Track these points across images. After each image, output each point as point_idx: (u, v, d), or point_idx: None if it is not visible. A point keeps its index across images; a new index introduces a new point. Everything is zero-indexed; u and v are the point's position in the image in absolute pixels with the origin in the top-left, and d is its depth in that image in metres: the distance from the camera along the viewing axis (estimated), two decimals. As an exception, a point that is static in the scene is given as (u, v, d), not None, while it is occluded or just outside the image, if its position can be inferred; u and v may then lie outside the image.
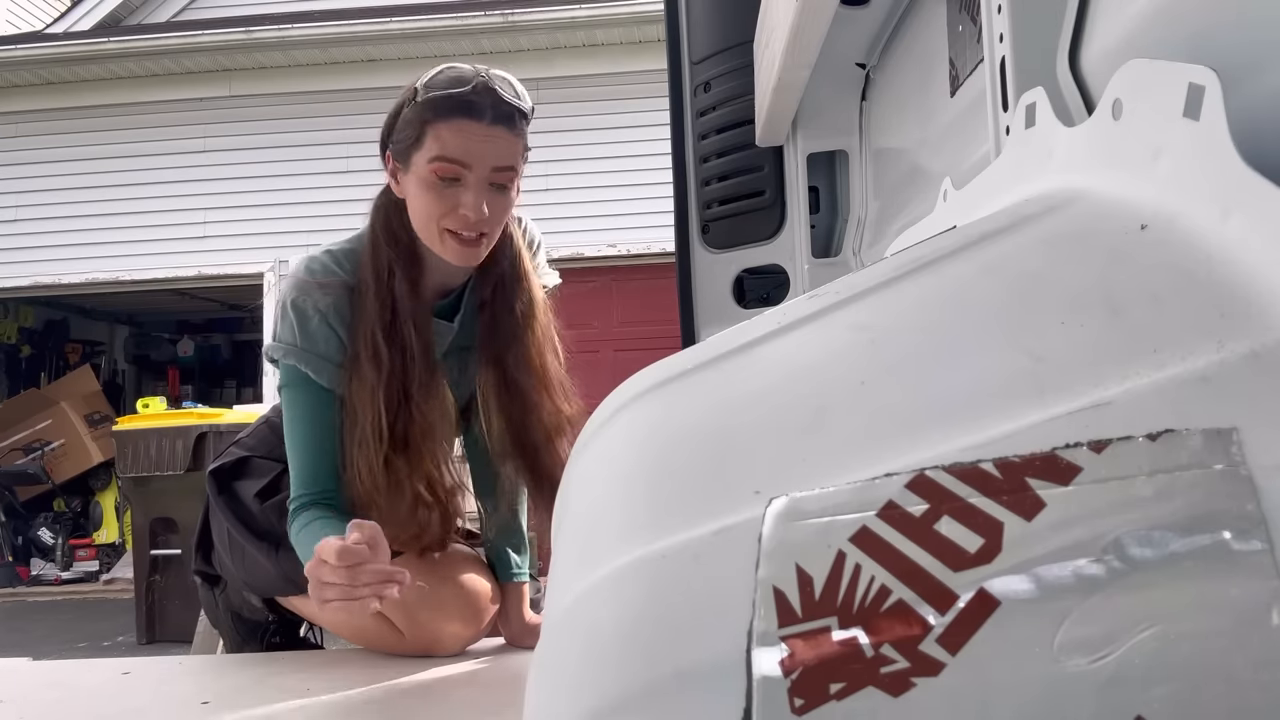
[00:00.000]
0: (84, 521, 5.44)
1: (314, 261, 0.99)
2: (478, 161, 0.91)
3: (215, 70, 5.22)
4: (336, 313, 0.96)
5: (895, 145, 0.99)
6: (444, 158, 0.91)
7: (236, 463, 1.12)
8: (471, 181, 0.92)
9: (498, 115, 0.92)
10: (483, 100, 0.91)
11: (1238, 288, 0.27)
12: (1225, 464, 0.23)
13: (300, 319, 0.96)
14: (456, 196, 0.92)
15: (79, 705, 0.93)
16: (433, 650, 1.04)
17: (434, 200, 0.92)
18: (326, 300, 0.96)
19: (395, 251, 0.97)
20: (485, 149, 0.91)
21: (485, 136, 0.91)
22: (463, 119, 0.91)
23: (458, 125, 0.91)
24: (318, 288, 0.96)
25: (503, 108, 0.92)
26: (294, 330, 0.96)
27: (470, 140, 0.91)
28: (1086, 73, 0.47)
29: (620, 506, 0.32)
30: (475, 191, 0.92)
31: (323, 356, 0.96)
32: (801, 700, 0.23)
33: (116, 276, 5.25)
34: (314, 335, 0.96)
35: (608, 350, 4.82)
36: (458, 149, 0.91)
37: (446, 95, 0.91)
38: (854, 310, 0.35)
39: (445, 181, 0.92)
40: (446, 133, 0.91)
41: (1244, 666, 0.21)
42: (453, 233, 0.94)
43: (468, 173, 0.92)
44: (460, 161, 0.91)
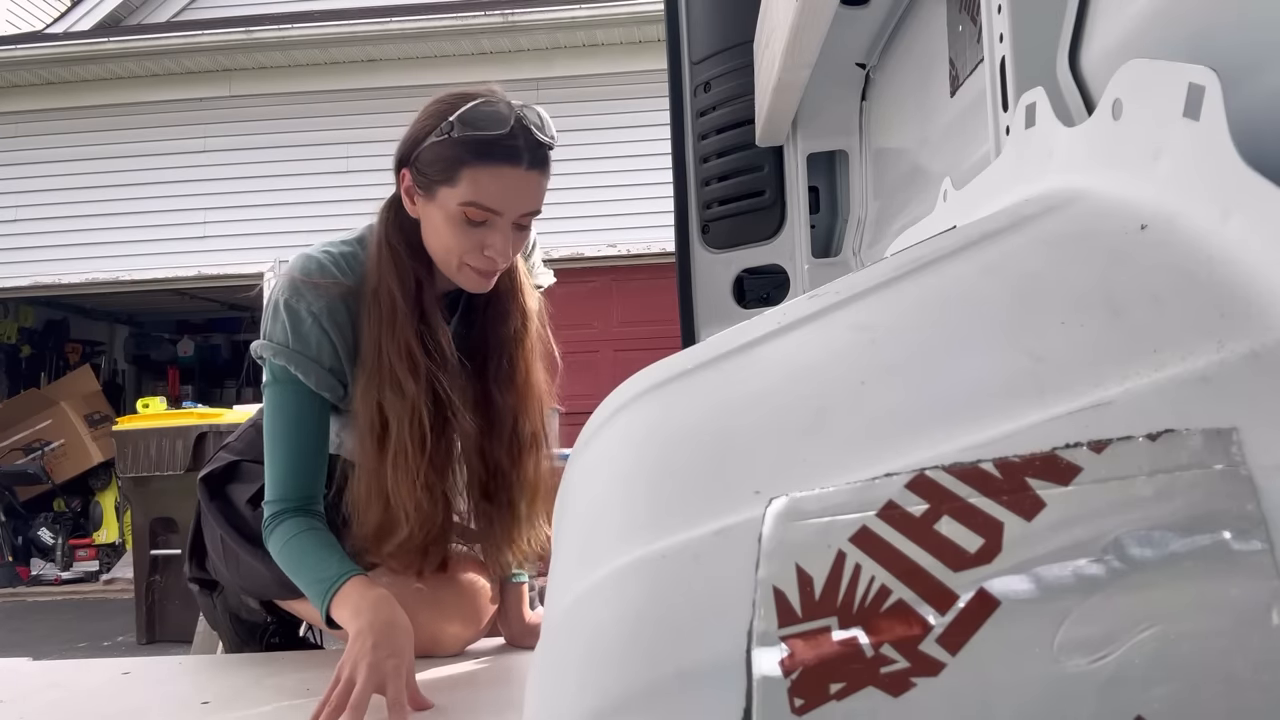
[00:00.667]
0: (84, 521, 5.44)
1: (310, 261, 0.97)
2: (511, 209, 0.91)
3: (215, 70, 5.22)
4: (330, 316, 0.95)
5: (895, 145, 0.99)
6: (479, 205, 0.90)
7: (227, 468, 1.11)
8: (501, 225, 0.91)
9: (534, 160, 0.90)
10: (520, 143, 0.89)
11: (1238, 288, 0.27)
12: (1225, 464, 0.23)
13: (293, 320, 0.94)
14: (483, 237, 0.92)
15: (79, 705, 0.93)
16: (432, 651, 1.04)
17: (460, 238, 0.92)
18: (320, 303, 0.95)
19: (418, 264, 0.96)
20: (521, 197, 0.91)
21: (523, 183, 0.90)
22: (501, 165, 0.89)
23: (496, 172, 0.89)
24: (312, 289, 0.95)
25: (539, 151, 0.91)
26: (286, 330, 0.94)
27: (507, 188, 0.90)
28: (1086, 73, 0.47)
29: (620, 506, 0.32)
30: (504, 235, 0.91)
31: (314, 360, 0.95)
32: (801, 700, 0.23)
33: (116, 276, 5.25)
34: (306, 337, 0.95)
35: (608, 350, 4.82)
36: (494, 198, 0.90)
37: (486, 139, 0.88)
38: (854, 310, 0.35)
39: (473, 223, 0.91)
40: (485, 179, 0.89)
41: (1244, 667, 0.21)
42: (472, 267, 0.93)
43: (499, 219, 0.91)
44: (494, 209, 0.90)
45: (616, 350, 4.83)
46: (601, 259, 5.01)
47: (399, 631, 0.85)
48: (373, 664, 0.80)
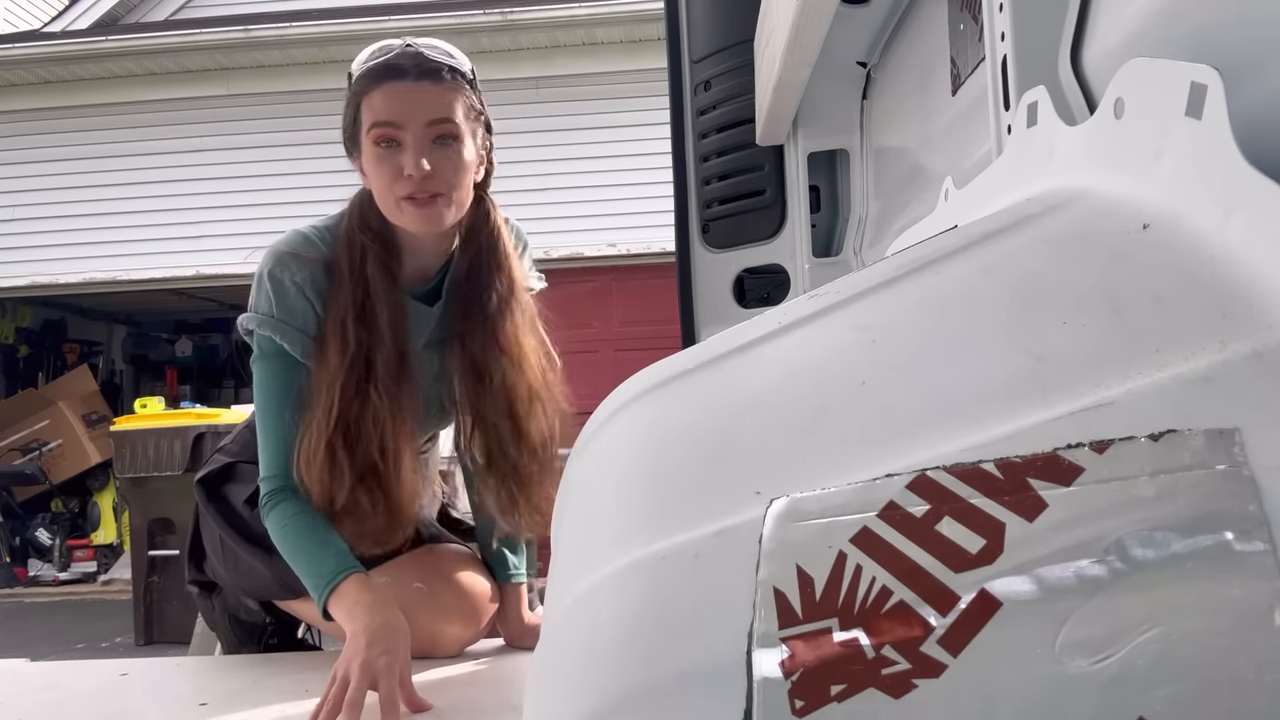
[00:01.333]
0: (82, 522, 5.44)
1: (294, 234, 0.99)
2: (409, 119, 0.91)
3: (213, 69, 5.22)
4: (313, 285, 0.96)
5: (896, 144, 0.99)
6: (377, 123, 0.92)
7: (223, 469, 1.11)
8: (409, 141, 0.92)
9: (422, 71, 0.92)
10: (405, 61, 0.92)
11: (1240, 287, 0.27)
12: (1227, 464, 0.23)
13: (277, 289, 0.95)
14: (399, 160, 0.92)
15: (77, 706, 0.93)
16: (432, 651, 1.03)
17: (381, 169, 0.93)
18: (304, 273, 0.95)
19: (368, 236, 0.97)
20: (413, 105, 0.91)
21: (412, 92, 0.92)
22: (388, 81, 0.92)
23: (384, 89, 0.92)
24: (294, 259, 0.96)
25: (427, 64, 0.93)
26: (270, 300, 0.95)
27: (397, 100, 0.91)
28: (1088, 72, 0.47)
29: (620, 507, 0.32)
30: (414, 150, 0.91)
31: (299, 329, 0.95)
32: (802, 701, 0.23)
33: (114, 276, 5.25)
34: (291, 307, 0.95)
35: (608, 350, 4.82)
36: (386, 110, 0.91)
37: (371, 65, 0.93)
38: (854, 310, 0.35)
39: (387, 149, 0.92)
40: (376, 99, 0.92)
41: (1246, 667, 0.21)
42: (407, 199, 0.93)
43: (403, 133, 0.91)
44: (392, 122, 0.91)
45: (616, 350, 4.82)
46: (601, 259, 5.01)
47: (394, 633, 0.85)
48: (365, 662, 0.81)
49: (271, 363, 0.96)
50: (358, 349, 0.94)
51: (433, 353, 1.04)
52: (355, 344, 0.93)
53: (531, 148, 4.82)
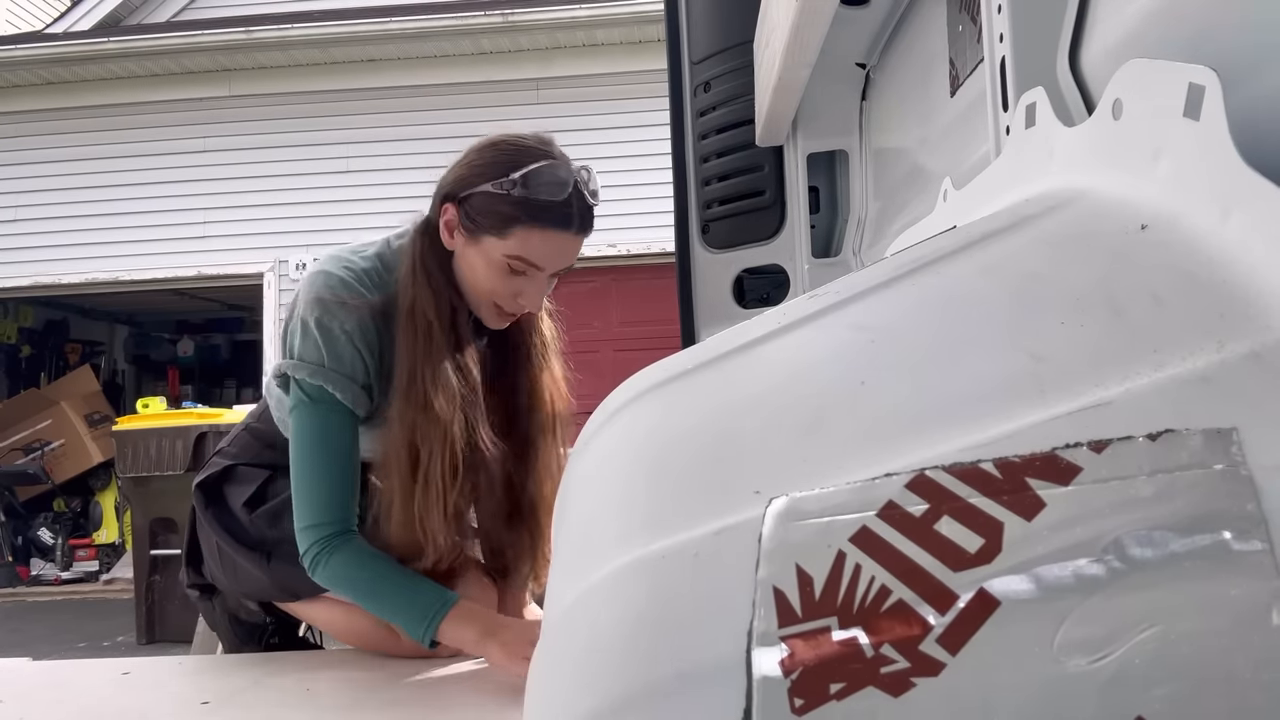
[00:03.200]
0: (84, 521, 5.44)
1: (333, 279, 0.96)
2: (553, 267, 0.94)
3: (215, 70, 5.22)
4: (362, 334, 0.95)
5: (895, 145, 0.99)
6: (526, 260, 0.92)
7: (222, 472, 1.11)
8: (540, 279, 0.94)
9: (583, 224, 0.94)
10: (573, 210, 0.92)
11: (1238, 288, 0.27)
12: (1225, 464, 0.23)
13: (327, 338, 0.93)
14: (519, 286, 0.94)
15: (79, 705, 0.93)
16: (431, 652, 1.03)
17: (498, 284, 0.94)
18: (352, 321, 0.94)
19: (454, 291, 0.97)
20: (565, 257, 0.95)
21: (570, 246, 0.94)
22: (555, 230, 0.92)
23: (548, 235, 0.92)
24: (341, 306, 0.94)
25: (588, 216, 0.94)
26: (320, 349, 0.93)
27: (555, 250, 0.93)
28: (1086, 73, 0.47)
29: (620, 507, 0.32)
30: (540, 287, 0.95)
31: (350, 378, 0.94)
32: (802, 700, 0.23)
33: (116, 276, 5.25)
34: (341, 356, 0.94)
35: (608, 350, 4.82)
36: (541, 257, 0.93)
37: (544, 204, 0.91)
38: (854, 310, 0.35)
39: (514, 273, 0.93)
40: (537, 240, 0.92)
41: (1244, 667, 0.21)
42: (500, 307, 0.96)
43: (539, 273, 0.94)
44: (539, 266, 0.93)
45: (616, 350, 4.82)
46: (601, 259, 5.01)
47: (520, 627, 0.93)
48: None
49: (321, 411, 0.94)
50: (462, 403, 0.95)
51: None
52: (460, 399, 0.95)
53: (532, 148, 4.81)
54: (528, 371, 1.05)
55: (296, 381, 0.95)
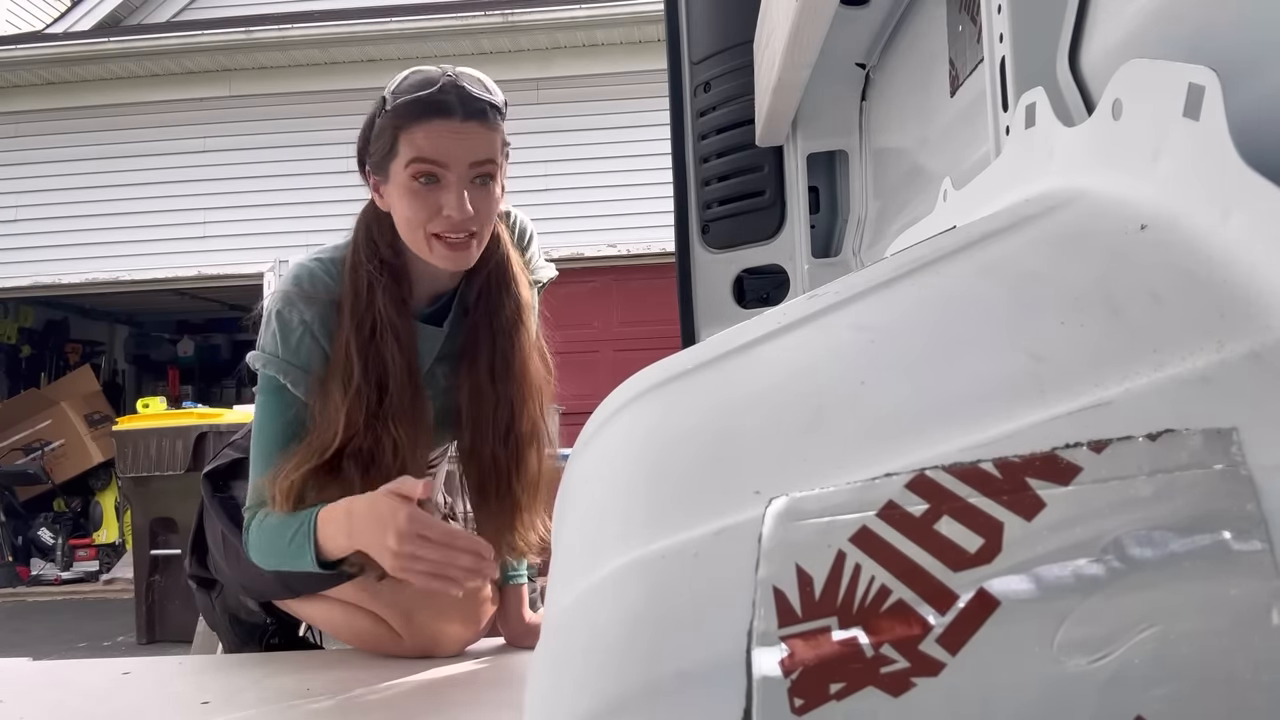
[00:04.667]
0: (84, 521, 5.44)
1: (302, 270, 0.98)
2: (454, 160, 0.90)
3: (215, 70, 5.22)
4: (323, 325, 0.96)
5: (895, 145, 0.99)
6: (420, 159, 0.90)
7: (231, 464, 1.12)
8: (451, 181, 0.91)
9: (469, 111, 0.91)
10: (452, 98, 0.90)
11: (1238, 288, 0.27)
12: (1225, 464, 0.23)
13: (284, 330, 0.95)
14: (438, 198, 0.91)
15: (79, 705, 0.93)
16: (432, 651, 1.04)
17: (417, 205, 0.91)
18: (311, 311, 0.95)
19: (377, 265, 0.96)
20: (460, 146, 0.90)
21: (459, 133, 0.90)
22: (434, 119, 0.90)
23: (430, 126, 0.90)
24: (303, 299, 0.95)
25: (474, 103, 0.91)
26: (276, 340, 0.95)
27: (444, 139, 0.90)
28: (1086, 73, 0.47)
29: (620, 506, 0.32)
30: (456, 191, 0.90)
31: (302, 368, 0.95)
32: (801, 700, 0.23)
33: (116, 276, 5.25)
34: (296, 347, 0.95)
35: (608, 350, 4.82)
36: (432, 149, 0.90)
37: (415, 99, 0.90)
38: (854, 310, 0.35)
39: (425, 185, 0.91)
40: (420, 135, 0.90)
41: (1244, 667, 0.21)
42: (440, 237, 0.92)
43: (446, 172, 0.91)
44: (437, 161, 0.90)
45: (616, 350, 4.82)
46: (601, 259, 5.01)
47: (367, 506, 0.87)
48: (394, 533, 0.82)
49: (273, 400, 0.96)
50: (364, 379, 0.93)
51: (441, 366, 1.04)
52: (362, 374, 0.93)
53: (532, 149, 4.82)
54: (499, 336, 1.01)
55: (255, 371, 0.97)
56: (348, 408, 0.93)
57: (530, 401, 1.03)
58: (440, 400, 1.03)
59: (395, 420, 0.94)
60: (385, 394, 0.94)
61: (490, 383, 1.01)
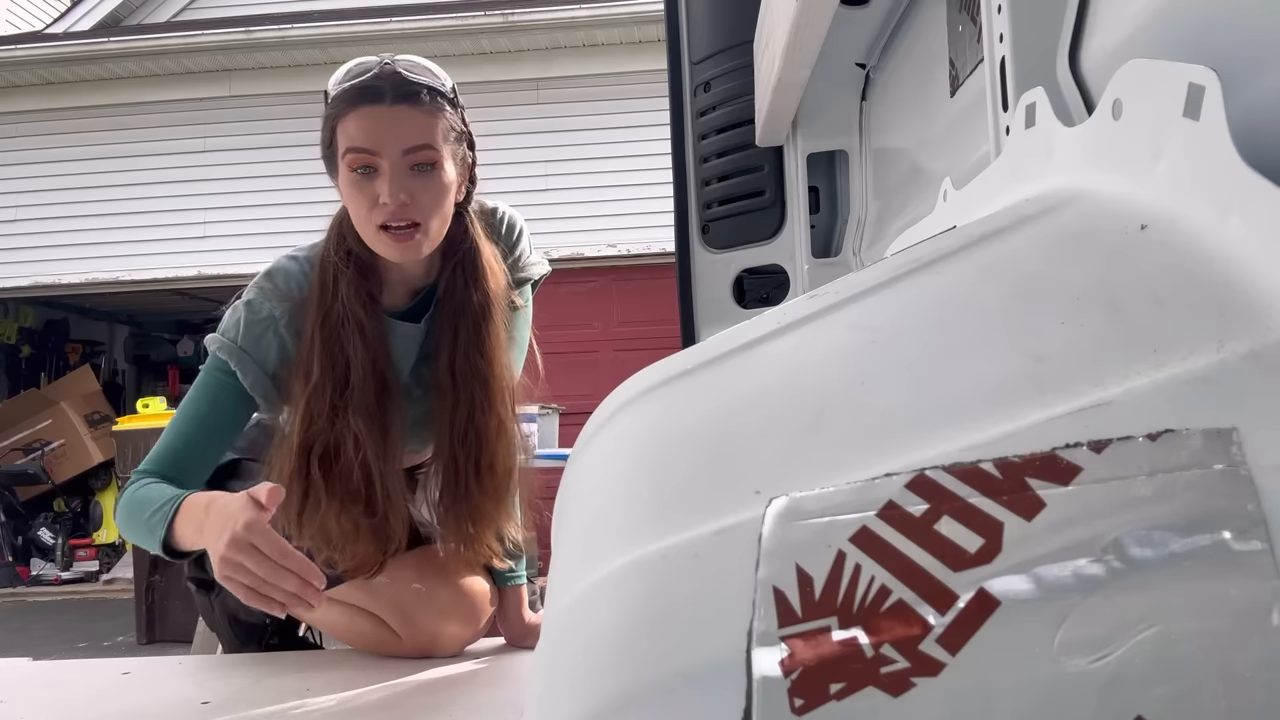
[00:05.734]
0: (84, 521, 5.44)
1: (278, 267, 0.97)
2: (384, 146, 0.87)
3: (215, 70, 5.22)
4: (290, 323, 0.94)
5: (895, 145, 0.99)
6: (352, 148, 0.88)
7: (228, 464, 1.11)
8: (386, 168, 0.88)
9: (399, 94, 0.88)
10: (382, 83, 0.88)
11: (1238, 288, 0.27)
12: (1225, 464, 0.23)
13: (250, 318, 0.93)
14: (374, 187, 0.88)
15: (79, 706, 0.93)
16: (431, 651, 1.04)
17: (357, 196, 0.89)
18: (282, 308, 0.94)
19: (343, 258, 0.94)
20: (390, 131, 0.87)
21: (388, 117, 0.87)
22: (363, 105, 0.88)
23: (359, 113, 0.88)
24: (275, 295, 0.94)
25: (405, 87, 0.88)
26: (240, 327, 0.93)
27: (373, 125, 0.87)
28: (1086, 73, 0.47)
29: (620, 506, 0.32)
30: (390, 178, 0.87)
31: (257, 362, 0.93)
32: (801, 700, 0.23)
33: (116, 276, 5.25)
34: (257, 338, 0.93)
35: (608, 350, 4.82)
36: (362, 136, 0.87)
37: (347, 87, 0.89)
38: (854, 310, 0.35)
39: (363, 175, 0.88)
40: (351, 123, 0.88)
41: (1244, 666, 0.21)
42: (384, 228, 0.89)
43: (379, 160, 0.88)
44: (367, 149, 0.87)
45: (616, 350, 4.82)
46: (601, 259, 5.00)
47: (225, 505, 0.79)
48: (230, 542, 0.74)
49: (213, 380, 0.93)
50: (323, 375, 0.91)
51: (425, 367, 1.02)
52: (321, 369, 0.91)
53: (532, 149, 4.82)
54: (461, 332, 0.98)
55: (209, 352, 0.94)
56: (306, 398, 0.91)
57: (496, 399, 0.99)
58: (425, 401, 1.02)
59: (356, 414, 0.91)
60: (347, 386, 0.92)
61: (451, 380, 0.98)
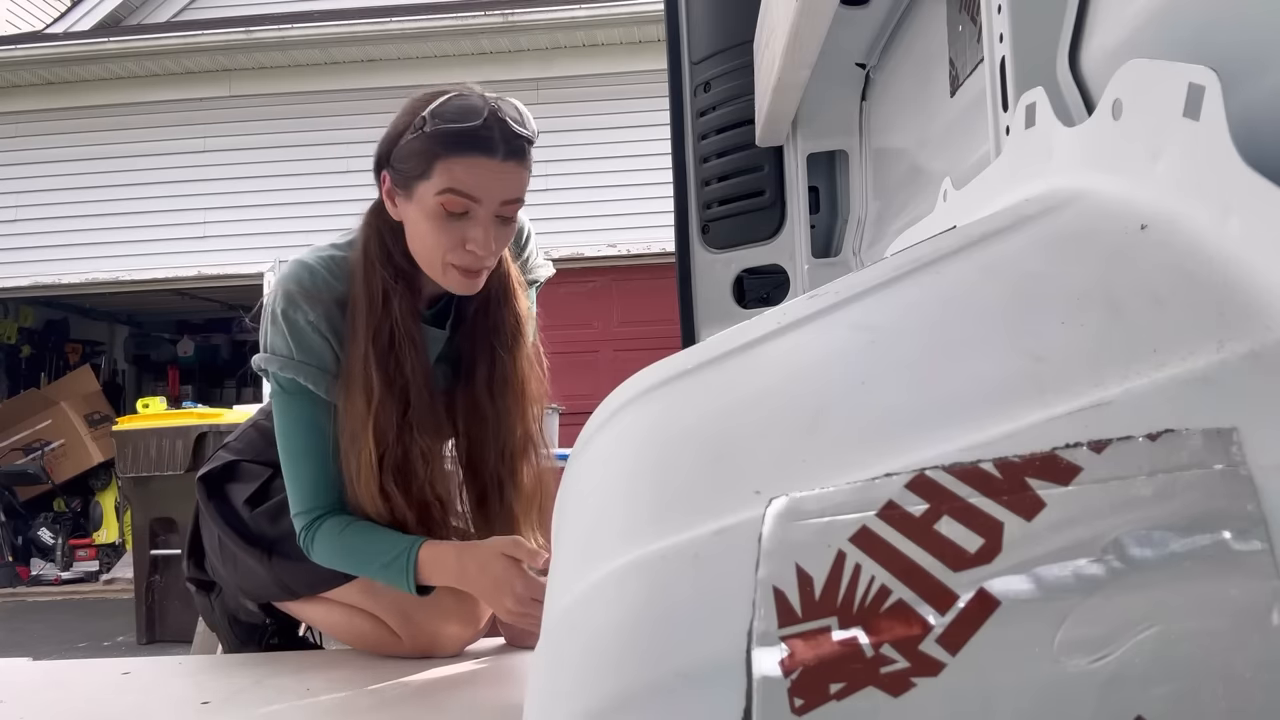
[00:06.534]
0: (84, 521, 5.44)
1: (302, 269, 0.97)
2: (489, 197, 0.91)
3: (215, 70, 5.22)
4: (328, 323, 0.95)
5: (895, 145, 0.99)
6: (455, 191, 0.89)
7: (225, 467, 1.11)
8: (481, 216, 0.91)
9: (510, 150, 0.90)
10: (493, 134, 0.89)
11: (1238, 288, 0.27)
12: (1225, 464, 0.23)
13: (293, 330, 0.94)
14: (464, 231, 0.91)
15: (79, 705, 0.93)
16: (431, 651, 1.04)
17: (440, 233, 0.91)
18: (317, 311, 0.95)
19: (391, 274, 0.95)
20: (498, 184, 0.90)
21: (498, 172, 0.90)
22: (475, 155, 0.89)
23: (470, 161, 0.89)
24: (306, 298, 0.95)
25: (515, 141, 0.91)
26: (288, 342, 0.94)
27: (483, 176, 0.90)
28: (1086, 73, 0.47)
29: (620, 506, 0.32)
30: (484, 227, 0.91)
31: (319, 368, 0.95)
32: (801, 700, 0.23)
33: (116, 276, 5.25)
34: (310, 346, 0.95)
35: (608, 350, 4.82)
36: (470, 184, 0.90)
37: (459, 130, 0.89)
38: (854, 310, 0.35)
39: (453, 216, 0.91)
40: (459, 168, 0.89)
41: (1244, 666, 0.21)
42: (456, 266, 0.93)
43: (477, 207, 0.91)
44: (471, 196, 0.90)
45: (616, 350, 4.82)
46: (601, 259, 5.00)
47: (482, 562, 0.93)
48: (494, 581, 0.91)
49: (296, 402, 0.96)
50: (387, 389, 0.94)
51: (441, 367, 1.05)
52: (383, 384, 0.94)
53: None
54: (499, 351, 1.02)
55: (270, 374, 0.96)
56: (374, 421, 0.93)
57: (526, 414, 1.05)
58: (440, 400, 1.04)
59: (420, 430, 0.96)
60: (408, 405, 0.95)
61: (489, 399, 1.03)
